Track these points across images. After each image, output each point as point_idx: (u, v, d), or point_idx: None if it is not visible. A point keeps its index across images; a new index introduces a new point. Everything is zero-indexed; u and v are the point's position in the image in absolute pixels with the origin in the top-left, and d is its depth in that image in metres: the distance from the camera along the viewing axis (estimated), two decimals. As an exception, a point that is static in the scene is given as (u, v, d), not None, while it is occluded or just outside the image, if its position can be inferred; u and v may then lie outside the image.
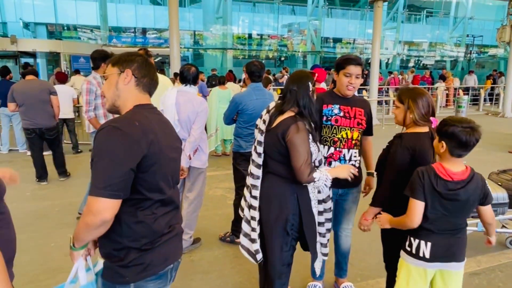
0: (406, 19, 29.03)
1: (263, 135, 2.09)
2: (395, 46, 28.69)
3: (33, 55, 13.93)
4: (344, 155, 2.40)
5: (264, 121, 2.14)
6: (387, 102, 12.19)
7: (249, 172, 2.21)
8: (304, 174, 1.92)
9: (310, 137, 2.01)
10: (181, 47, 9.87)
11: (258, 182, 2.12)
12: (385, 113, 11.23)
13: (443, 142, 1.79)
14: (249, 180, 2.19)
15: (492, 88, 15.60)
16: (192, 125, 3.17)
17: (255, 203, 2.13)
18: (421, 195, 1.81)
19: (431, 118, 2.03)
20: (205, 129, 6.97)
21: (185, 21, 23.06)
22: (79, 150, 7.20)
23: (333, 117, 2.39)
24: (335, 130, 2.38)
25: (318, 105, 2.32)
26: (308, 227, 2.10)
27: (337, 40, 28.22)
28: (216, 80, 10.38)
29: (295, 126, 1.95)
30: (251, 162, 2.20)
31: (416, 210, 1.82)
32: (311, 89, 2.05)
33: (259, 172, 2.12)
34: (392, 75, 15.57)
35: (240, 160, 3.47)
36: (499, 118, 12.35)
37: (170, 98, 3.11)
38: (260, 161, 2.12)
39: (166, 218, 1.44)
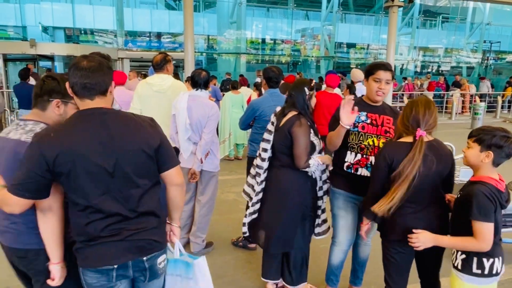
0: (421, 24, 28.73)
1: (272, 134, 2.54)
2: (410, 52, 28.40)
3: (51, 58, 14.23)
4: (371, 162, 2.38)
5: (272, 123, 2.59)
6: (401, 109, 12.06)
7: (254, 164, 2.67)
8: (302, 160, 2.37)
9: (312, 131, 2.47)
10: (195, 52, 9.97)
11: (261, 171, 2.59)
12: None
13: (490, 152, 1.77)
14: (254, 170, 2.67)
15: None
16: (203, 129, 3.18)
17: (258, 188, 2.60)
18: (493, 218, 1.75)
19: (418, 129, 1.91)
20: (217, 133, 7.05)
21: (199, 26, 23.28)
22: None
23: (360, 124, 2.40)
24: (361, 137, 2.39)
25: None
26: (315, 209, 2.63)
27: (351, 46, 28.08)
28: (229, 85, 10.45)
29: (298, 121, 2.41)
30: (257, 155, 2.65)
31: (491, 233, 1.75)
32: (307, 94, 2.48)
33: (263, 164, 2.58)
34: (406, 81, 15.40)
35: (256, 165, 3.47)
36: (517, 125, 12.10)
37: (182, 103, 3.14)
38: (265, 155, 2.57)
39: (103, 224, 1.51)
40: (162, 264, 1.69)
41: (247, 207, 2.72)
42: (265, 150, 2.56)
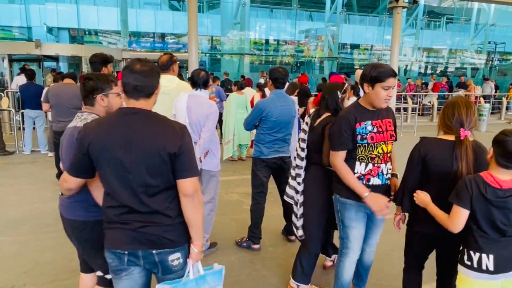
0: (425, 25, 28.63)
1: (306, 134, 2.70)
2: (414, 53, 28.31)
3: (55, 58, 14.31)
4: (382, 170, 2.35)
5: (306, 123, 2.75)
6: (405, 110, 12.04)
7: (294, 165, 2.81)
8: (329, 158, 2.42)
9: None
10: (198, 52, 9.98)
11: (301, 171, 2.72)
12: (403, 121, 11.06)
13: (492, 148, 1.83)
14: (294, 171, 2.80)
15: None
16: (202, 128, 3.19)
17: (299, 188, 2.73)
18: (467, 204, 1.82)
19: (461, 129, 1.96)
20: (221, 134, 7.04)
21: (203, 27, 23.32)
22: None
23: (368, 134, 2.28)
24: (371, 147, 2.29)
25: (352, 122, 2.28)
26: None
27: (354, 46, 28.03)
28: (230, 85, 10.44)
29: (332, 123, 2.44)
30: (296, 156, 2.78)
31: (460, 217, 1.84)
32: (340, 97, 2.63)
33: (302, 164, 2.72)
34: (408, 83, 15.40)
35: (261, 166, 3.46)
36: (522, 127, 12.01)
37: (181, 103, 3.16)
38: (303, 154, 2.71)
39: (117, 211, 1.66)
40: (176, 262, 1.73)
41: (294, 210, 2.83)
42: (303, 149, 2.73)
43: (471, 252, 1.86)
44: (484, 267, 1.82)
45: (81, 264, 2.21)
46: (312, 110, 2.76)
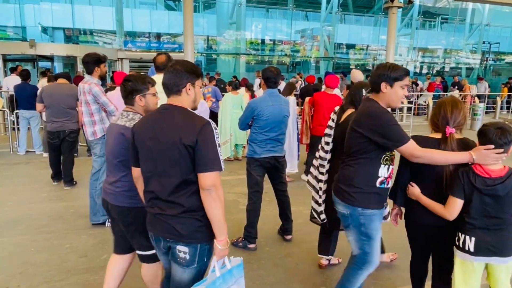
0: (420, 25, 28.76)
1: (332, 130, 2.87)
2: (409, 53, 28.43)
3: (50, 58, 14.24)
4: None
5: (332, 120, 2.90)
6: (401, 109, 12.13)
7: (317, 156, 2.99)
8: None
9: None
10: (194, 52, 9.95)
11: (325, 162, 2.89)
12: (399, 120, 11.12)
13: (478, 141, 2.00)
14: (317, 162, 2.98)
15: (509, 96, 15.30)
16: None
17: (322, 178, 2.89)
18: (460, 194, 2.00)
19: (447, 126, 2.08)
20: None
21: (198, 26, 23.27)
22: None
23: None
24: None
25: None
26: None
27: (350, 46, 28.11)
28: (223, 84, 10.40)
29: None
30: (320, 148, 2.95)
31: (455, 206, 2.02)
32: (364, 94, 2.77)
33: (326, 156, 2.89)
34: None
35: (255, 165, 3.47)
36: (516, 126, 12.08)
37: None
38: (327, 148, 2.89)
39: (148, 196, 1.86)
40: (182, 255, 1.80)
41: (315, 197, 3.01)
42: (327, 143, 2.91)
43: (459, 233, 2.05)
44: (466, 248, 2.01)
45: (115, 245, 2.46)
46: (307, 108, 2.85)
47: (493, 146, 1.93)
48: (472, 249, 1.99)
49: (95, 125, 3.83)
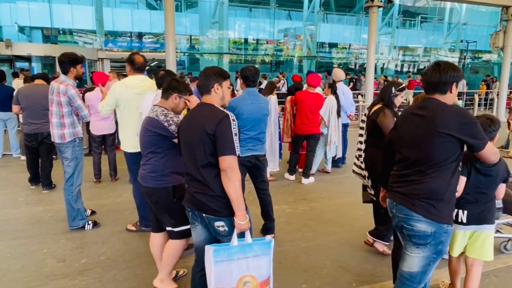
0: (401, 24, 29.25)
1: (365, 123, 3.36)
2: (390, 51, 28.88)
3: (28, 59, 13.88)
4: None
5: (364, 114, 3.39)
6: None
7: (357, 148, 3.56)
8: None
9: (395, 119, 2.99)
10: (177, 52, 9.87)
11: (362, 152, 3.38)
12: (381, 118, 11.26)
13: None
14: (357, 153, 3.55)
15: (486, 93, 15.72)
16: None
17: (363, 165, 3.37)
18: (466, 173, 2.38)
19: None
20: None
21: (181, 26, 23.08)
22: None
23: None
24: None
25: None
26: None
27: (332, 45, 28.37)
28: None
29: (383, 112, 3.10)
30: (358, 138, 3.53)
31: (462, 183, 2.34)
32: (393, 92, 3.16)
33: (362, 147, 3.40)
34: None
35: (235, 165, 3.47)
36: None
37: (146, 101, 3.16)
38: (361, 139, 3.42)
39: (187, 178, 2.23)
40: (222, 228, 2.12)
41: (364, 184, 3.49)
42: (361, 135, 3.44)
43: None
44: (459, 220, 2.42)
45: (152, 225, 2.84)
46: (288, 107, 2.99)
47: None
48: (464, 220, 2.41)
49: (64, 128, 3.67)
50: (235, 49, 25.99)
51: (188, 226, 2.48)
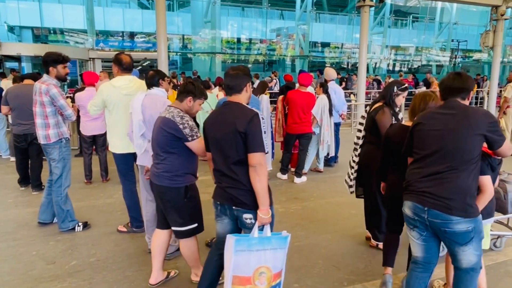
0: (392, 24, 29.43)
1: (365, 119, 3.39)
2: (382, 51, 29.04)
3: (18, 59, 13.71)
4: None
5: (365, 111, 3.44)
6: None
7: (354, 142, 3.56)
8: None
9: (393, 118, 3.12)
10: (169, 52, 9.80)
11: (358, 146, 3.48)
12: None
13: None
14: (354, 146, 3.57)
15: (477, 92, 15.87)
16: None
17: (356, 159, 3.49)
18: (489, 169, 2.35)
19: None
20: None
21: (173, 25, 22.99)
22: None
23: None
24: None
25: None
26: None
27: (325, 45, 28.46)
28: (201, 83, 10.32)
29: (382, 110, 3.15)
30: (356, 134, 3.54)
31: (490, 182, 2.34)
32: (395, 91, 3.19)
33: (359, 141, 3.48)
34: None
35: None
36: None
37: (136, 102, 3.13)
38: (359, 134, 3.46)
39: (217, 174, 2.32)
40: (249, 221, 2.23)
41: (348, 172, 3.63)
42: (359, 130, 3.49)
43: None
44: None
45: (158, 221, 2.86)
46: (280, 106, 3.01)
47: None
48: None
49: (48, 128, 3.61)
50: (228, 49, 25.95)
51: (195, 225, 2.69)
